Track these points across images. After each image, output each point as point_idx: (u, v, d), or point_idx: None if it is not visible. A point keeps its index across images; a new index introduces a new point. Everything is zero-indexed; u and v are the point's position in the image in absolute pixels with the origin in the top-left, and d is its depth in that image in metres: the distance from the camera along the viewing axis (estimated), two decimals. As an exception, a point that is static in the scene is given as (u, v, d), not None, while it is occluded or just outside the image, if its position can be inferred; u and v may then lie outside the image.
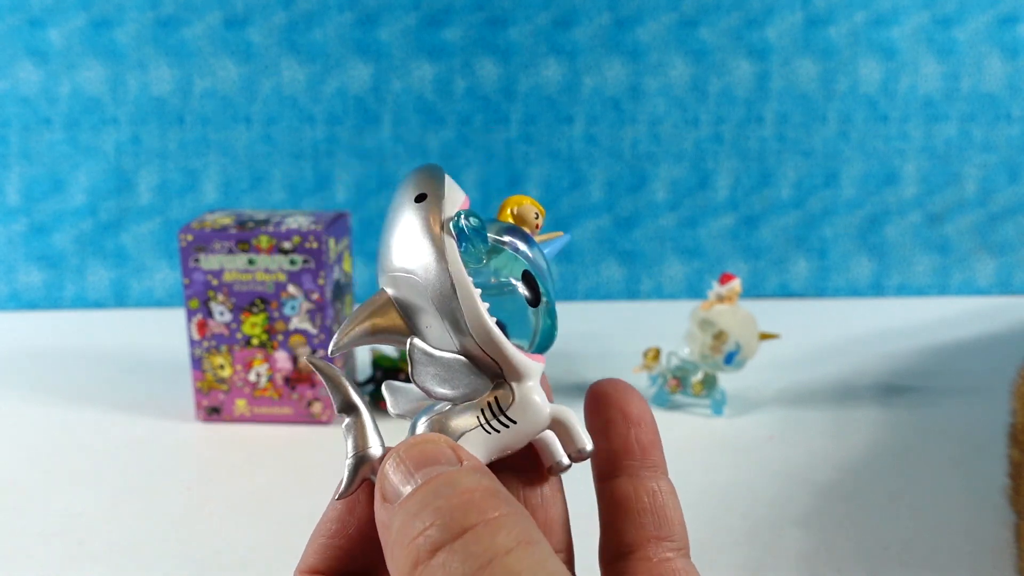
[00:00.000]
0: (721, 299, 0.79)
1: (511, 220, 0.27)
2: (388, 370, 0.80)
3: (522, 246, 0.25)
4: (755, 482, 0.69)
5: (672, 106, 1.09)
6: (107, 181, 1.08)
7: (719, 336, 0.78)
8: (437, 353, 0.24)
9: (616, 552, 0.24)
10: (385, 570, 0.23)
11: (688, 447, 0.75)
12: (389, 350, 0.83)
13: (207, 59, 1.05)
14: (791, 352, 0.91)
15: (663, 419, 0.81)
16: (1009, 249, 1.14)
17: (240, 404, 0.78)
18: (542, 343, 0.26)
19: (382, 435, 0.24)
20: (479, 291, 0.24)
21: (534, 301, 0.25)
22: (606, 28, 1.07)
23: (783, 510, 0.65)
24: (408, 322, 0.24)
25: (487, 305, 0.24)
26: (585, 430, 0.25)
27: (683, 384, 0.81)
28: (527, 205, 0.27)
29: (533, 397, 0.24)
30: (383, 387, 0.25)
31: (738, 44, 1.08)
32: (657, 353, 0.82)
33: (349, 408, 0.24)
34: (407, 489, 0.21)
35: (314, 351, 0.77)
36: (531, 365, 0.24)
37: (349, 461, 0.23)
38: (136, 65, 1.05)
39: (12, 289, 1.10)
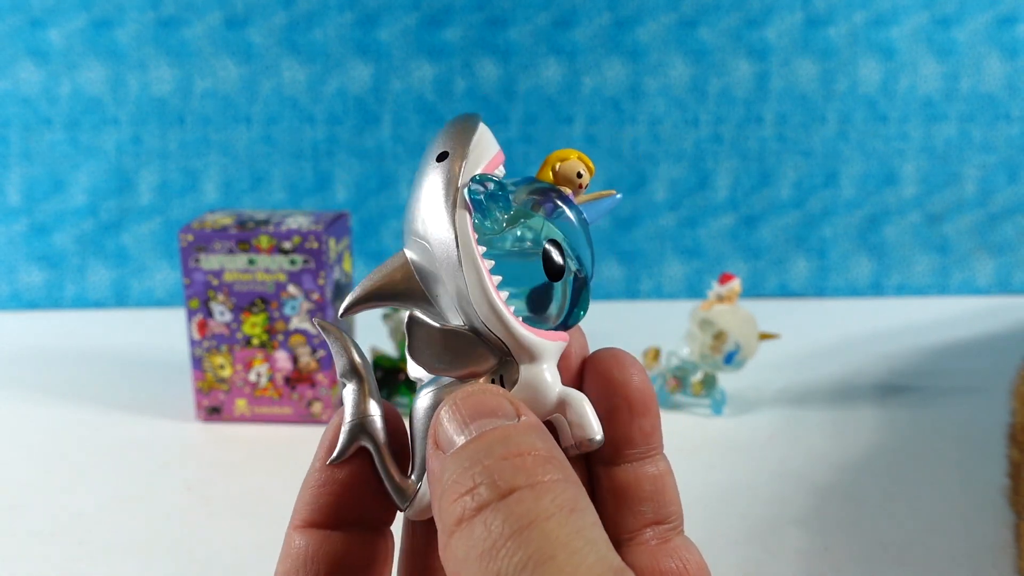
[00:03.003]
0: (721, 299, 0.79)
1: (552, 178, 0.24)
2: (388, 370, 0.80)
3: (559, 208, 0.24)
4: (755, 482, 0.69)
5: (672, 106, 1.09)
6: (108, 181, 1.08)
7: (719, 336, 0.78)
8: (439, 326, 0.23)
9: (613, 539, 0.24)
10: (376, 517, 0.24)
11: (688, 447, 0.75)
12: (390, 349, 0.83)
13: (207, 59, 1.06)
14: (791, 352, 0.91)
15: (663, 419, 0.80)
16: (1009, 249, 1.14)
17: (240, 404, 0.78)
18: (567, 319, 0.24)
19: (382, 403, 0.24)
20: (491, 263, 0.23)
21: (556, 275, 0.23)
22: (606, 28, 1.07)
23: (783, 510, 0.65)
24: (423, 288, 0.23)
25: (498, 279, 0.23)
26: (596, 418, 0.23)
27: (683, 384, 0.81)
28: (572, 161, 0.24)
29: (540, 378, 0.23)
30: (408, 351, 0.24)
31: (738, 44, 1.08)
32: (657, 353, 0.82)
33: (352, 373, 0.23)
34: (460, 439, 0.20)
35: (314, 351, 0.77)
36: (542, 346, 0.23)
37: (346, 426, 0.23)
38: (136, 65, 1.05)
39: (13, 289, 1.10)
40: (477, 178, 0.23)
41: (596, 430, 0.23)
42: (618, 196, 0.25)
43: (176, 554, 0.60)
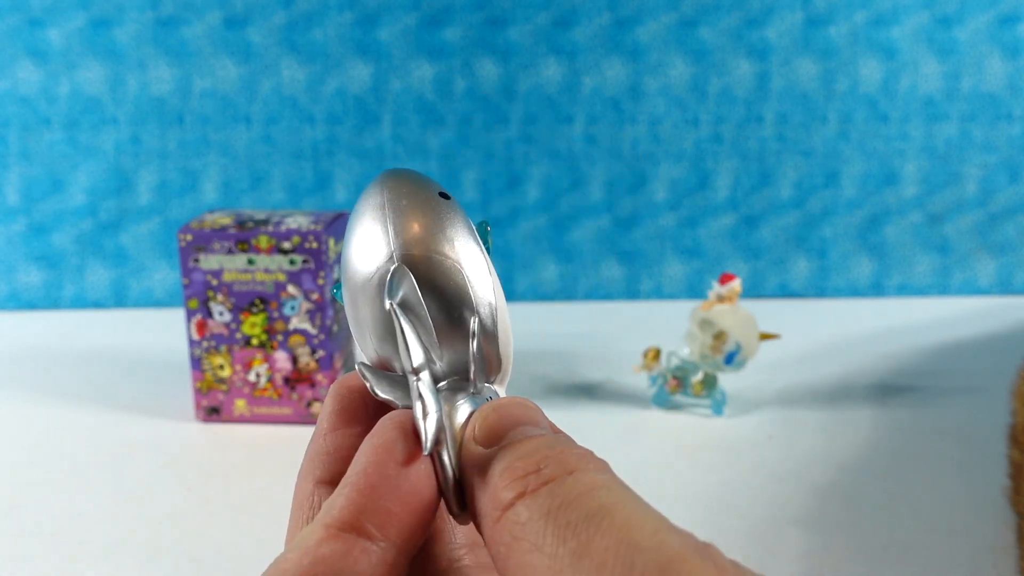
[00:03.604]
0: (721, 299, 0.79)
1: None
2: (388, 370, 0.80)
3: None
4: (755, 482, 0.69)
5: (672, 106, 1.09)
6: (107, 181, 1.08)
7: (719, 336, 0.78)
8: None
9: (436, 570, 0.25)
10: (423, 530, 0.22)
11: (688, 447, 0.75)
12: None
13: (207, 59, 1.05)
14: (791, 352, 0.91)
15: (663, 419, 0.81)
16: (1009, 249, 1.14)
17: (240, 404, 0.78)
18: None
19: None
20: None
21: None
22: (606, 28, 1.07)
23: (783, 510, 0.65)
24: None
25: None
26: None
27: (683, 384, 0.81)
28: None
29: None
30: (360, 367, 0.24)
31: (738, 44, 1.07)
32: (657, 353, 0.82)
33: (424, 365, 0.23)
34: (505, 439, 0.22)
35: (313, 351, 0.77)
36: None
37: (435, 416, 0.22)
38: (136, 65, 1.05)
39: (12, 289, 1.10)
40: (486, 223, 0.25)
41: None
42: None
43: (176, 554, 0.60)
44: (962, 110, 1.09)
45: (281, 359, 0.77)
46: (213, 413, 0.79)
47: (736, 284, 0.79)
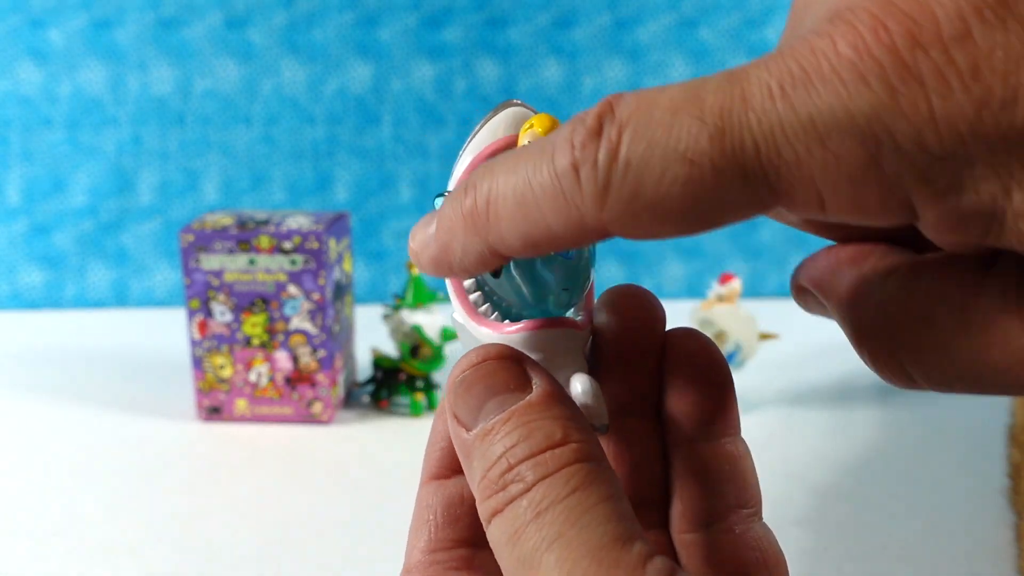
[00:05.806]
0: (721, 299, 0.79)
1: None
2: (388, 370, 0.80)
3: None
4: (755, 482, 0.69)
5: (672, 106, 1.09)
6: (108, 181, 1.08)
7: (719, 336, 0.78)
8: None
9: (693, 522, 0.25)
10: None
11: (688, 447, 0.75)
12: (390, 349, 0.83)
13: (207, 59, 1.05)
14: (791, 352, 0.91)
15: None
16: (1009, 249, 1.14)
17: (240, 404, 0.78)
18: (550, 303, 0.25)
19: None
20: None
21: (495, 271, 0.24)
22: (606, 28, 1.07)
23: (783, 510, 0.65)
24: None
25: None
26: (600, 404, 0.23)
27: (683, 384, 0.81)
28: (525, 134, 0.24)
29: None
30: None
31: (738, 44, 1.08)
32: (657, 353, 0.82)
33: None
34: (479, 418, 0.22)
35: (314, 351, 0.77)
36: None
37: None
38: (137, 65, 1.05)
39: (13, 289, 1.10)
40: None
41: (597, 415, 0.23)
42: None
43: (176, 554, 0.60)
44: (962, 110, 1.09)
45: (282, 359, 0.77)
46: (214, 413, 0.79)
47: (736, 284, 0.79)
